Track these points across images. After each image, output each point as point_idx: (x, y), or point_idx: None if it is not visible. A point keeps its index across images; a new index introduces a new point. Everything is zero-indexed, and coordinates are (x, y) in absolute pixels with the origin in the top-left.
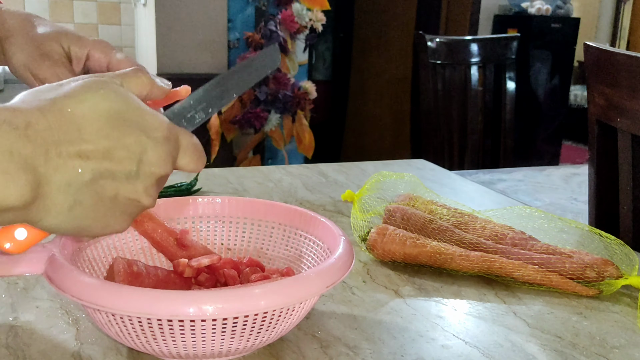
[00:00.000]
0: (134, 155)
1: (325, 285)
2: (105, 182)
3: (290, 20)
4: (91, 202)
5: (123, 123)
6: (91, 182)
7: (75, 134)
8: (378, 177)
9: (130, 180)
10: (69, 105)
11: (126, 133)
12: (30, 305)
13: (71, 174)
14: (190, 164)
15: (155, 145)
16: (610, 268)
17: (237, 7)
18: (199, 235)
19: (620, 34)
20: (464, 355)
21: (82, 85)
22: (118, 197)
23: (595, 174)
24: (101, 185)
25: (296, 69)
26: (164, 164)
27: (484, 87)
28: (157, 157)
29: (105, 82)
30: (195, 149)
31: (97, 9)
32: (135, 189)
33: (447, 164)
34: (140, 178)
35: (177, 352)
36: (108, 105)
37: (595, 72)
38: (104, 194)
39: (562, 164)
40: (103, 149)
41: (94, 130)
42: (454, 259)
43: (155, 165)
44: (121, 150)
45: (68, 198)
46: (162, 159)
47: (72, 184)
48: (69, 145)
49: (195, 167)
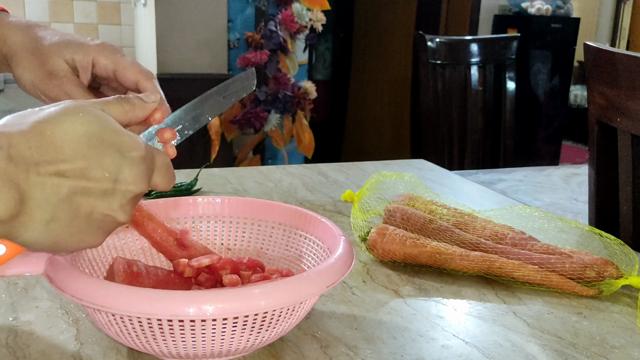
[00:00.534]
0: (110, 174)
1: (325, 285)
2: (81, 199)
3: (290, 20)
4: (67, 218)
5: (100, 144)
6: (67, 198)
7: (54, 154)
8: (378, 177)
9: (106, 197)
10: (48, 128)
11: (103, 153)
12: (30, 305)
13: (49, 191)
14: (163, 183)
15: (131, 164)
16: (610, 268)
17: (237, 7)
18: (199, 235)
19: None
20: (464, 355)
21: (61, 109)
22: (93, 214)
23: (595, 174)
24: (77, 202)
25: (296, 69)
26: (140, 183)
27: (484, 87)
28: (133, 176)
29: (83, 107)
30: (168, 170)
31: (97, 9)
32: (110, 206)
33: (447, 164)
34: (116, 195)
35: (177, 352)
36: (86, 128)
37: (595, 72)
38: (80, 210)
39: (562, 164)
40: (80, 168)
41: (71, 150)
42: (454, 259)
43: (132, 184)
44: (98, 170)
45: (45, 214)
46: (137, 177)
47: (49, 201)
48: (47, 165)
49: (166, 186)
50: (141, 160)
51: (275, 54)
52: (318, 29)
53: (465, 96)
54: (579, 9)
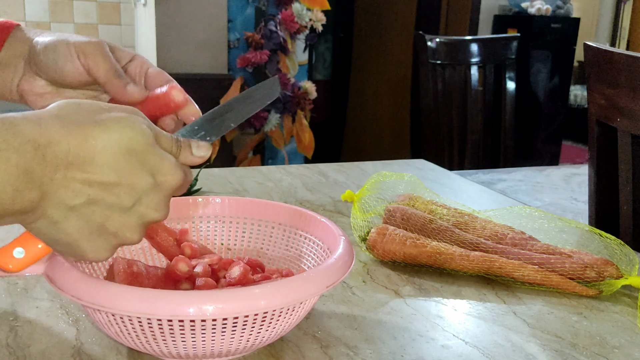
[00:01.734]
0: (136, 194)
1: (325, 285)
2: (97, 208)
3: (290, 20)
4: (78, 222)
5: (137, 162)
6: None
7: (89, 162)
8: (378, 177)
9: (123, 214)
10: (94, 134)
11: (136, 172)
12: (30, 305)
13: (70, 195)
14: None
15: (158, 190)
16: (610, 268)
17: (237, 7)
18: (199, 235)
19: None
20: (464, 355)
21: (117, 117)
22: (105, 225)
23: (595, 174)
24: (92, 210)
25: (296, 69)
26: (160, 211)
27: (484, 87)
28: (156, 201)
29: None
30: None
31: (97, 9)
32: (124, 222)
33: (447, 164)
34: (133, 214)
35: (177, 352)
36: (130, 144)
37: (595, 72)
38: (92, 219)
39: (562, 164)
40: (108, 182)
41: (107, 162)
42: (454, 259)
43: (152, 209)
44: (125, 187)
45: (58, 213)
46: (160, 204)
47: (66, 203)
48: (78, 171)
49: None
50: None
51: (275, 54)
52: (318, 29)
53: (465, 96)
54: (579, 9)
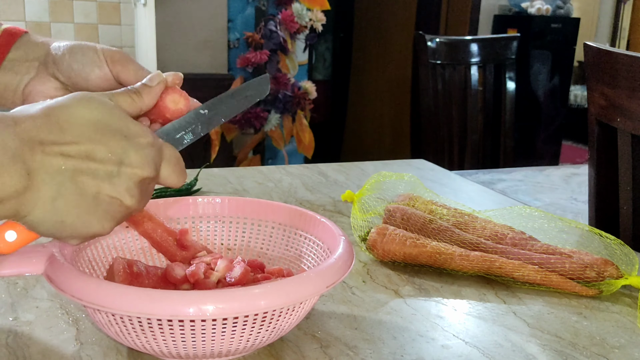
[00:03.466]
0: (116, 157)
1: (325, 285)
2: (87, 179)
3: (290, 20)
4: (73, 197)
5: (107, 129)
6: (72, 177)
7: (59, 134)
8: (378, 177)
9: (112, 179)
10: (56, 111)
11: (109, 137)
12: (30, 305)
13: (55, 169)
14: (172, 175)
15: (137, 148)
16: (610, 268)
17: (237, 7)
18: (199, 235)
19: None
20: (464, 355)
21: (68, 97)
22: (100, 195)
23: (595, 174)
24: (82, 182)
25: (296, 69)
26: (146, 166)
27: (484, 87)
28: (138, 159)
29: (92, 95)
30: (178, 163)
31: (97, 9)
32: (116, 188)
33: (447, 164)
34: (121, 178)
35: (177, 352)
36: (93, 114)
37: (595, 72)
38: (86, 191)
39: (562, 164)
40: (85, 150)
41: (77, 132)
42: (454, 259)
43: (137, 167)
44: (103, 152)
45: (51, 190)
46: (143, 161)
47: (55, 178)
48: (52, 145)
49: (176, 180)
50: (148, 145)
51: (275, 54)
52: (318, 29)
53: (465, 96)
54: (579, 9)
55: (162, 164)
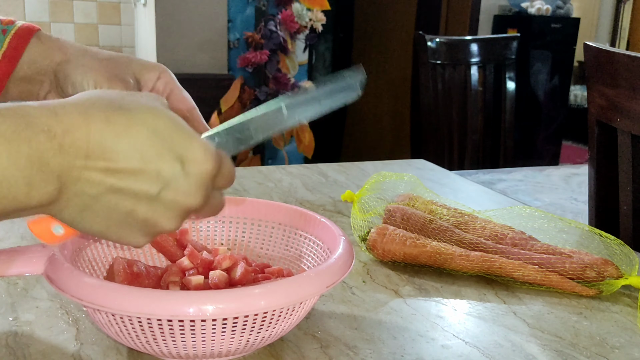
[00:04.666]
0: (162, 181)
1: (325, 285)
2: (123, 197)
3: (290, 20)
4: (103, 212)
5: (164, 145)
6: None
7: (110, 149)
8: (378, 177)
9: (151, 202)
10: (116, 118)
11: (162, 158)
12: (30, 305)
13: (90, 184)
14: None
15: (187, 177)
16: (610, 268)
17: (237, 7)
18: (199, 235)
19: (620, 34)
20: (464, 355)
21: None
22: (134, 214)
23: (595, 174)
24: (116, 199)
25: (296, 69)
26: (192, 197)
27: (484, 87)
28: (186, 188)
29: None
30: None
31: (97, 9)
32: (154, 211)
33: (447, 164)
34: (161, 202)
35: (177, 352)
36: (156, 123)
37: (595, 72)
38: (118, 207)
39: (562, 164)
40: (132, 169)
41: (130, 146)
42: (454, 259)
43: (182, 195)
44: (150, 174)
45: (80, 202)
46: (192, 191)
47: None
48: (99, 161)
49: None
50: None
51: (275, 54)
52: (318, 29)
53: (465, 96)
54: (579, 9)
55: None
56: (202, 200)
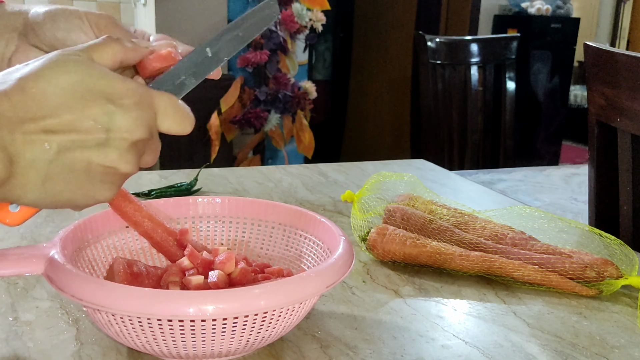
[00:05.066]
0: (101, 124)
1: (325, 285)
2: (74, 153)
3: (290, 20)
4: (63, 176)
5: (86, 93)
6: (58, 155)
7: (37, 110)
8: (378, 177)
9: (102, 148)
10: (30, 83)
11: (90, 103)
12: (30, 305)
13: (38, 149)
14: (174, 125)
15: (123, 111)
16: (610, 268)
17: (237, 7)
18: (199, 235)
19: (620, 34)
20: (464, 355)
21: (44, 61)
22: (91, 167)
23: (595, 174)
24: (70, 158)
25: (296, 69)
26: (136, 129)
27: (484, 87)
28: (126, 123)
29: (66, 55)
30: (177, 109)
31: (97, 9)
32: (108, 157)
33: (447, 164)
34: (111, 146)
35: (177, 352)
36: (68, 78)
37: (595, 72)
38: (75, 166)
39: (562, 164)
40: (67, 122)
41: (55, 104)
42: (454, 259)
43: (126, 131)
44: (86, 121)
45: (39, 174)
46: (132, 124)
47: (40, 159)
48: (32, 123)
49: (181, 128)
50: (135, 106)
51: (275, 54)
52: (318, 29)
53: (465, 96)
54: (579, 9)
55: (158, 117)
56: (148, 132)
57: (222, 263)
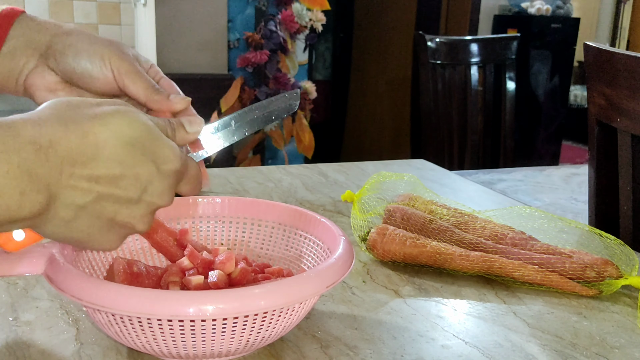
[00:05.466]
0: (141, 185)
1: (325, 285)
2: (107, 204)
3: (290, 20)
4: (89, 220)
5: (139, 151)
6: (94, 202)
7: (92, 157)
8: (378, 177)
9: (131, 206)
10: (94, 128)
11: (139, 162)
12: (30, 305)
13: (79, 195)
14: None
15: (162, 178)
16: (610, 268)
17: (237, 7)
18: (199, 235)
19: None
20: (464, 355)
21: (111, 110)
22: (115, 219)
23: (595, 174)
24: (102, 206)
25: (296, 69)
26: (166, 197)
27: (484, 87)
28: (161, 189)
29: (133, 111)
30: (197, 179)
31: (97, 9)
32: (132, 214)
33: (447, 164)
34: (140, 206)
35: (177, 352)
36: (131, 133)
37: (595, 72)
38: (103, 215)
39: (562, 164)
40: (114, 176)
41: (110, 155)
42: (454, 259)
43: (157, 197)
44: (130, 179)
45: (69, 213)
46: (166, 191)
47: (75, 203)
48: (82, 168)
49: (192, 194)
50: (173, 174)
51: (275, 54)
52: (318, 29)
53: (465, 96)
54: (579, 9)
55: (182, 182)
56: (171, 199)
57: (222, 263)
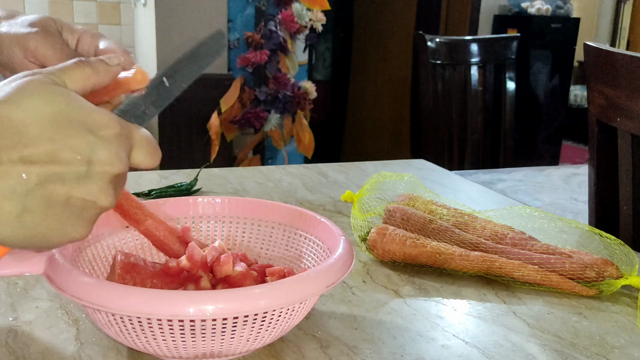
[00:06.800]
0: (82, 156)
1: (325, 285)
2: (54, 186)
3: (290, 20)
4: (41, 209)
5: (67, 124)
6: (38, 187)
7: (16, 138)
8: (378, 177)
9: (82, 181)
10: (6, 112)
11: (71, 134)
12: (30, 305)
13: (16, 180)
14: (146, 159)
15: (104, 143)
16: (610, 268)
17: (237, 7)
18: (199, 235)
19: (620, 34)
20: (464, 355)
21: (18, 89)
22: (71, 201)
23: (595, 174)
24: (49, 190)
25: (296, 69)
26: (117, 162)
27: (484, 87)
28: (108, 155)
29: (43, 83)
30: (150, 144)
31: (97, 9)
32: (88, 190)
33: (447, 164)
34: (92, 179)
35: (177, 352)
36: (49, 109)
37: (595, 72)
38: (54, 199)
39: (562, 164)
40: (47, 152)
41: (35, 134)
42: (454, 259)
43: (108, 164)
44: (67, 152)
45: (15, 205)
46: (114, 157)
47: (17, 190)
48: (10, 151)
49: (151, 162)
50: (115, 138)
51: (275, 54)
52: (318, 29)
53: (465, 96)
54: (579, 9)
55: (134, 150)
56: (126, 163)
57: (222, 263)
